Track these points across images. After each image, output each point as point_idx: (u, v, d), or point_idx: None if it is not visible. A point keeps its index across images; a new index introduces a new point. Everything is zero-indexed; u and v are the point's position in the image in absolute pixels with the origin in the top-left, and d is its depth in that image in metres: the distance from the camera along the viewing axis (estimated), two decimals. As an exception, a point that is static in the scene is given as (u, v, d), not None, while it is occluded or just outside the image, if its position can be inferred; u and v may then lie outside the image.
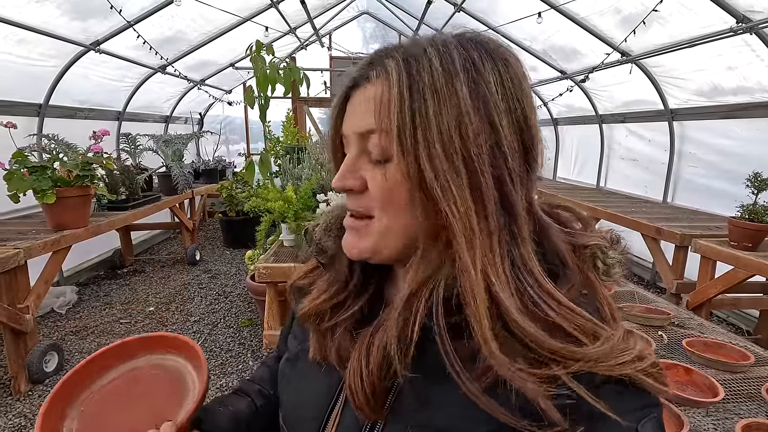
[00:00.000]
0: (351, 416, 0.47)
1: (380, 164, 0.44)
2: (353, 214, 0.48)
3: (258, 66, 2.62)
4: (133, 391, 0.60)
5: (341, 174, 0.46)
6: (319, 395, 0.52)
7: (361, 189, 0.46)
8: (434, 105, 0.39)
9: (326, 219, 0.58)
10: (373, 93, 0.43)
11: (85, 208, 2.87)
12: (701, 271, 2.57)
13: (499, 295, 0.39)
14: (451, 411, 0.42)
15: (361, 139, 0.45)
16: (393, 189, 0.43)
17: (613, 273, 0.48)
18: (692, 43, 3.11)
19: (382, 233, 0.45)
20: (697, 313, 2.50)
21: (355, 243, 0.48)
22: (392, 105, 0.40)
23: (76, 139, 3.12)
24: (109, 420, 0.56)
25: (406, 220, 0.43)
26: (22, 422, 2.19)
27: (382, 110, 0.41)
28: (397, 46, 0.44)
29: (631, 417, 0.38)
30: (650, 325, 1.40)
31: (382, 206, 0.44)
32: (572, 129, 5.93)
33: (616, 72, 4.19)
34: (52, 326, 3.23)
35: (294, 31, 5.93)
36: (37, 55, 3.25)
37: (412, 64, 0.41)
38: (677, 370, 1.09)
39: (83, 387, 0.60)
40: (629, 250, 0.54)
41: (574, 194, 4.60)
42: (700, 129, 3.74)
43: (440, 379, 0.41)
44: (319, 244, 0.57)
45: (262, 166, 2.72)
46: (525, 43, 4.97)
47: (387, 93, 0.41)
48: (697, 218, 3.26)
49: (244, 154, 7.14)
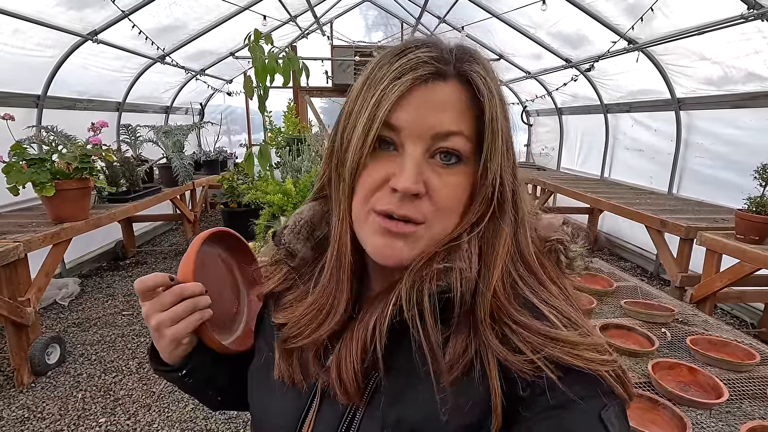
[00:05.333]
0: (326, 421, 0.48)
1: (449, 167, 0.44)
2: (403, 218, 0.43)
3: (256, 56, 2.57)
4: (219, 271, 0.66)
5: (416, 174, 0.42)
6: (290, 405, 0.51)
7: (423, 194, 0.43)
8: (507, 118, 0.45)
9: (295, 221, 0.56)
10: (458, 96, 0.43)
11: (85, 201, 2.85)
12: (706, 264, 2.53)
13: (498, 286, 0.43)
14: (425, 407, 0.43)
15: (434, 138, 0.43)
16: (462, 195, 0.44)
17: (576, 266, 0.50)
18: (701, 30, 3.03)
19: (431, 241, 0.45)
20: (701, 307, 2.48)
21: (403, 252, 0.44)
22: (498, 117, 0.43)
23: (76, 130, 3.10)
24: (208, 275, 0.61)
25: (452, 225, 0.45)
26: (25, 414, 2.21)
27: (492, 120, 0.43)
28: (454, 48, 0.45)
29: (594, 402, 0.40)
30: (653, 322, 1.37)
31: (442, 213, 0.44)
32: (576, 119, 5.84)
33: (622, 60, 4.10)
34: (55, 318, 3.25)
35: (294, 20, 5.85)
36: (33, 45, 3.21)
37: (493, 77, 0.45)
38: (681, 370, 1.06)
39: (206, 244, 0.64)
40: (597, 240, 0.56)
41: (578, 185, 4.55)
42: (707, 119, 3.67)
43: (415, 378, 0.44)
44: (288, 247, 0.54)
45: (261, 158, 2.69)
46: (530, 31, 4.87)
47: (490, 102, 0.43)
48: (703, 210, 3.21)
49: (245, 144, 7.10)
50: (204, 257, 0.61)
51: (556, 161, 6.32)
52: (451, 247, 0.44)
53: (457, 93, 0.43)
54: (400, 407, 0.44)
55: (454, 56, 0.44)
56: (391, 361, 0.45)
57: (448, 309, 0.43)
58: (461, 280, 0.42)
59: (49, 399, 2.33)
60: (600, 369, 0.40)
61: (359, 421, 0.46)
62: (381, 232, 0.44)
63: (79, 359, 2.72)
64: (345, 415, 0.47)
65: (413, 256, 0.44)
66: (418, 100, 0.42)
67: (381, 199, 0.43)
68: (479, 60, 0.45)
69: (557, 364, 0.40)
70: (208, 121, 5.94)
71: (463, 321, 0.43)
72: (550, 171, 6.05)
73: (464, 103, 0.43)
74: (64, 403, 2.30)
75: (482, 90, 0.43)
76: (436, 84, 0.43)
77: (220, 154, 6.17)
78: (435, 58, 0.43)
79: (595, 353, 0.41)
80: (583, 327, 0.43)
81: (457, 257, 0.43)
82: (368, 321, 0.45)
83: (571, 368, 0.40)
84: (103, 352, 2.81)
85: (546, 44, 4.87)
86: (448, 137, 0.43)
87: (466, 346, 0.42)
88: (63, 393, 2.39)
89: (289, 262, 0.55)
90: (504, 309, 0.42)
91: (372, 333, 0.44)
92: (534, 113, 7.01)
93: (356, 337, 0.45)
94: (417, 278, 0.43)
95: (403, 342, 0.45)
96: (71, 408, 2.27)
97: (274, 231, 0.59)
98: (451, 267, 0.43)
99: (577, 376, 0.40)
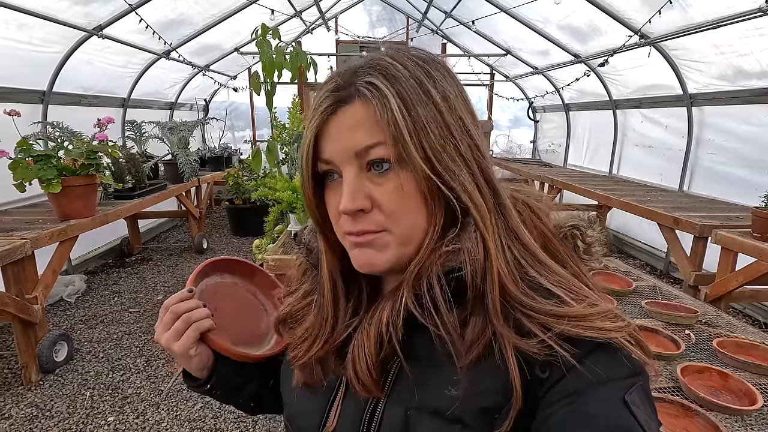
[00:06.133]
0: (351, 406, 0.50)
1: (383, 175, 0.45)
2: (363, 232, 0.46)
3: (264, 51, 2.53)
4: (237, 297, 0.73)
5: (352, 194, 0.45)
6: (317, 397, 0.54)
7: (370, 207, 0.46)
8: (424, 111, 0.44)
9: None
10: (365, 111, 0.44)
11: (92, 198, 2.83)
12: (721, 263, 2.49)
13: (501, 268, 0.43)
14: (446, 392, 0.44)
15: (358, 156, 0.45)
16: (408, 196, 0.45)
17: (594, 251, 0.52)
18: (717, 24, 2.97)
19: (402, 241, 0.46)
20: (715, 306, 2.44)
21: (374, 257, 0.47)
22: (398, 116, 0.43)
23: (81, 125, 3.07)
24: (220, 300, 0.69)
25: (420, 223, 0.46)
26: (33, 412, 2.20)
27: (391, 123, 0.43)
28: (359, 67, 0.46)
29: (618, 385, 0.39)
30: (676, 323, 1.34)
31: (396, 217, 0.45)
32: (584, 115, 5.78)
33: (633, 55, 4.05)
34: (62, 315, 3.24)
35: (300, 15, 5.80)
36: (39, 40, 3.18)
37: (394, 79, 0.44)
38: (711, 375, 1.03)
39: (215, 272, 0.73)
40: (608, 229, 0.55)
41: (586, 182, 4.50)
42: (720, 114, 3.61)
43: (434, 364, 0.46)
44: (308, 246, 0.59)
45: (269, 155, 2.66)
46: (538, 25, 4.81)
47: (386, 107, 0.43)
48: (716, 208, 3.16)
49: (250, 141, 7.07)
50: (217, 286, 0.70)
51: (562, 158, 6.26)
52: (457, 232, 0.45)
53: (362, 109, 0.44)
54: (423, 392, 0.45)
55: (352, 76, 0.46)
56: (410, 349, 0.47)
57: (460, 291, 0.45)
58: (470, 260, 0.43)
59: (57, 397, 2.32)
60: (615, 335, 0.40)
61: (382, 408, 0.48)
62: (352, 246, 0.48)
63: (87, 357, 2.71)
64: (369, 402, 0.49)
65: (387, 260, 0.47)
66: (333, 130, 0.46)
67: (344, 222, 0.47)
68: (377, 66, 0.45)
69: (572, 340, 0.40)
70: (212, 117, 5.91)
71: (479, 302, 0.44)
72: (556, 168, 6.00)
73: (371, 114, 0.44)
74: (72, 401, 2.29)
75: (370, 98, 0.44)
76: (344, 109, 0.45)
77: (225, 151, 6.15)
78: (332, 89, 0.46)
79: (607, 321, 0.41)
80: (590, 298, 0.43)
81: (464, 239, 0.45)
82: (381, 315, 0.47)
83: (588, 343, 0.40)
84: (111, 349, 2.80)
85: (555, 39, 4.80)
86: (368, 151, 0.45)
87: (483, 327, 0.43)
88: (71, 391, 2.38)
89: (309, 259, 0.59)
90: (510, 294, 0.43)
91: (387, 325, 0.46)
92: (540, 109, 6.95)
93: (369, 333, 0.47)
94: (423, 265, 0.45)
95: (419, 330, 0.46)
96: (79, 406, 2.25)
97: (296, 233, 0.63)
98: (459, 248, 0.44)
99: (595, 354, 0.40)
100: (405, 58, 0.46)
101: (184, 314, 0.59)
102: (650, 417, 0.39)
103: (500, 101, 7.16)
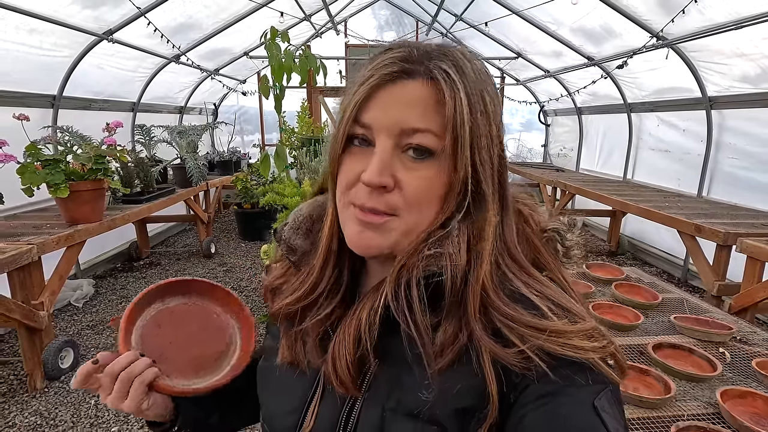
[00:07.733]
0: (328, 406, 0.49)
1: (419, 161, 0.44)
2: (372, 210, 0.45)
3: (273, 54, 2.49)
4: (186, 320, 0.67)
5: (380, 168, 0.44)
6: (297, 388, 0.53)
7: (392, 187, 0.45)
8: (482, 119, 0.44)
9: (294, 217, 0.58)
10: (428, 94, 0.44)
11: (99, 202, 2.81)
12: (747, 273, 2.38)
13: (486, 276, 0.44)
14: (419, 392, 0.44)
15: (402, 135, 0.44)
16: (434, 190, 0.45)
17: (573, 255, 0.53)
18: (739, 24, 2.87)
19: (405, 232, 0.46)
20: (741, 317, 2.33)
21: (372, 240, 0.46)
22: (465, 114, 0.43)
23: (91, 130, 3.06)
24: (165, 331, 0.65)
25: (428, 218, 0.45)
26: (37, 420, 2.16)
27: (458, 116, 0.43)
28: (432, 49, 0.46)
29: (588, 390, 0.40)
30: (709, 340, 1.25)
31: (412, 205, 0.45)
32: (597, 118, 5.67)
33: (648, 57, 3.94)
34: (69, 320, 3.22)
35: (309, 18, 5.78)
36: (49, 45, 3.18)
37: (464, 75, 0.44)
38: (754, 400, 0.94)
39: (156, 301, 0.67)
40: (587, 232, 0.52)
41: (601, 187, 4.39)
42: (741, 118, 3.49)
43: (409, 365, 0.45)
44: (288, 243, 0.57)
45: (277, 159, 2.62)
46: (550, 28, 4.72)
47: (455, 99, 0.43)
48: (739, 215, 3.04)
49: (258, 145, 7.06)
50: (159, 315, 0.65)
51: (575, 162, 6.15)
52: (440, 236, 0.45)
53: (424, 90, 0.44)
54: (398, 393, 0.45)
55: (425, 55, 0.45)
56: (387, 349, 0.47)
57: (437, 296, 0.45)
58: (451, 266, 0.43)
59: (61, 405, 2.28)
60: (592, 356, 0.40)
61: (359, 407, 0.47)
62: (354, 221, 0.47)
63: (93, 363, 2.67)
64: (346, 402, 0.48)
65: (384, 246, 0.46)
66: (385, 98, 0.44)
67: (356, 192, 0.46)
68: (451, 56, 0.45)
69: (549, 353, 0.40)
70: (221, 121, 5.90)
71: (454, 308, 0.44)
72: (569, 172, 5.88)
73: (433, 100, 0.43)
74: (77, 410, 2.25)
75: (443, 86, 0.43)
76: (404, 82, 0.44)
77: (234, 155, 6.13)
78: (401, 58, 0.45)
79: (585, 340, 0.41)
80: (573, 313, 0.43)
81: (446, 244, 0.44)
82: (360, 313, 0.47)
83: (563, 360, 0.40)
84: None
85: (567, 41, 4.72)
86: (414, 134, 0.44)
87: (456, 332, 0.43)
88: (76, 399, 2.34)
89: (290, 258, 0.57)
90: (492, 303, 0.43)
91: (365, 323, 0.46)
92: (552, 113, 6.84)
93: (349, 330, 0.47)
94: (405, 266, 0.45)
95: (397, 330, 0.46)
96: (84, 415, 2.21)
97: (275, 229, 0.61)
98: (441, 252, 0.44)
99: (568, 363, 0.40)
100: (471, 56, 0.47)
101: (121, 373, 0.57)
102: (618, 422, 0.39)
103: (511, 104, 7.07)
